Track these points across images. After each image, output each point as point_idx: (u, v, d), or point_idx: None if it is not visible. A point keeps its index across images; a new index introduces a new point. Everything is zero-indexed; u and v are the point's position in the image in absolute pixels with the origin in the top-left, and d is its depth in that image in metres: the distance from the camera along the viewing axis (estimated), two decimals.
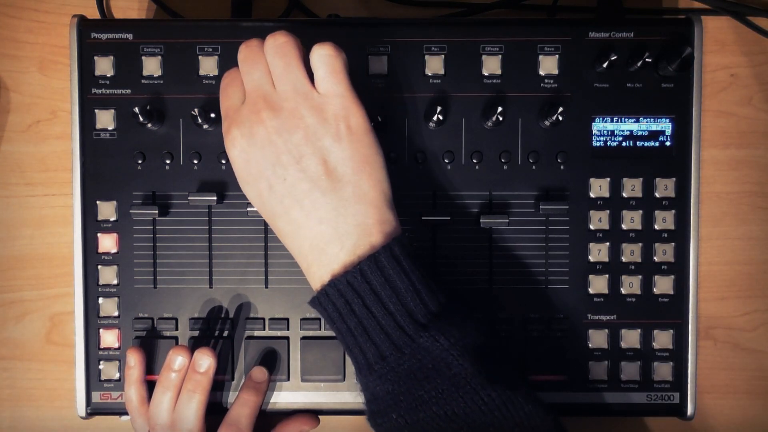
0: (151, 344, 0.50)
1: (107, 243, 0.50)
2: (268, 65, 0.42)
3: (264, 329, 0.50)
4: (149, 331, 0.50)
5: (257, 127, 0.41)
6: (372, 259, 0.39)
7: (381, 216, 0.41)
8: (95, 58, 0.50)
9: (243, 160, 0.41)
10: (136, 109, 0.47)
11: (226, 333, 0.50)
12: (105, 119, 0.50)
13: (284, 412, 0.51)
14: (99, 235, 0.50)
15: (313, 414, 0.51)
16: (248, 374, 0.49)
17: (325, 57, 0.41)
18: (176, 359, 0.47)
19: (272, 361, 0.50)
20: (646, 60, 0.48)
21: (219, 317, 0.50)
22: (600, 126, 0.50)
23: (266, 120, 0.40)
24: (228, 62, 0.49)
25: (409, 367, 0.39)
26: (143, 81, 0.50)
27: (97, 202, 0.50)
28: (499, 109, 0.47)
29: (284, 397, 0.51)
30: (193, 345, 0.50)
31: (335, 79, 0.41)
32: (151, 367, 0.50)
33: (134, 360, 0.48)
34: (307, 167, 0.40)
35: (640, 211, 0.50)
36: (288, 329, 0.50)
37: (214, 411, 0.49)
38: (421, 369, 0.38)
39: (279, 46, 0.41)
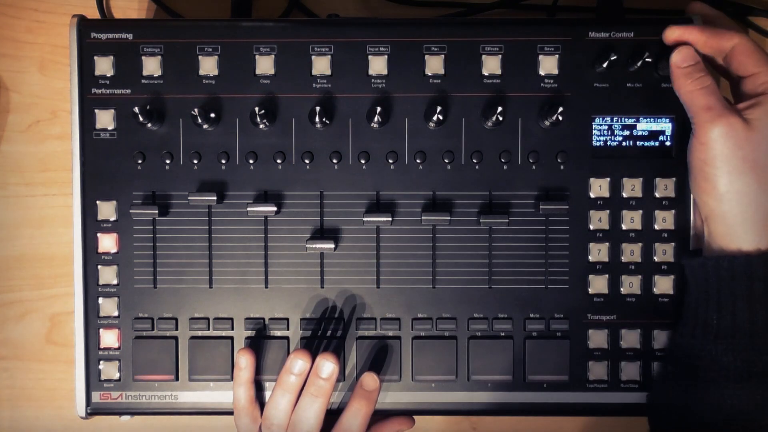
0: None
1: (107, 243, 0.50)
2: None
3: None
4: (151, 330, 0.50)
5: None
6: None
7: None
8: (95, 58, 0.50)
9: None
10: (136, 109, 0.47)
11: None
12: (105, 119, 0.50)
13: (385, 412, 0.51)
14: (99, 235, 0.50)
15: (409, 415, 0.51)
16: (359, 381, 0.48)
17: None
18: (296, 363, 0.47)
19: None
20: (646, 60, 0.48)
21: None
22: (600, 126, 0.50)
23: None
24: (228, 62, 0.49)
25: None
26: (143, 81, 0.50)
27: (97, 202, 0.50)
28: (499, 109, 0.47)
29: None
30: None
31: None
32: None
33: (245, 362, 0.48)
34: None
35: (640, 211, 0.50)
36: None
37: None
38: None
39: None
